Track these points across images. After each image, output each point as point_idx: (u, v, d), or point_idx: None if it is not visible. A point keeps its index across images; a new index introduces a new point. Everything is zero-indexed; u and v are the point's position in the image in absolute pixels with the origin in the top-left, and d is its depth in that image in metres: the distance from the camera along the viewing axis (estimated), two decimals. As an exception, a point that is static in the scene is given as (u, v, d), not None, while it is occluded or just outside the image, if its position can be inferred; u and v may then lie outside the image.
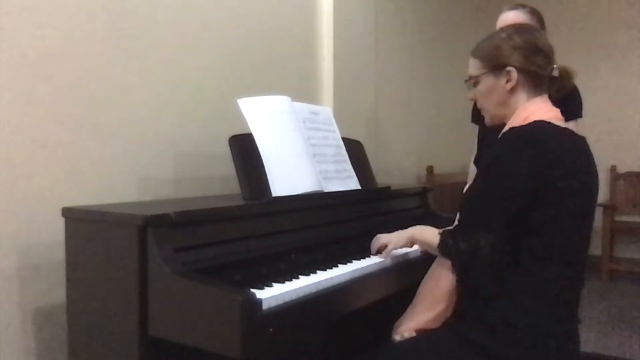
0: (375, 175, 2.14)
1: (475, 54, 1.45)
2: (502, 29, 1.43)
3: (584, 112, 2.10)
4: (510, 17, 2.07)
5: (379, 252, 1.62)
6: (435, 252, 1.41)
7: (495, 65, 1.38)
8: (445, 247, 1.35)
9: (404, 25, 3.72)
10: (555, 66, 1.40)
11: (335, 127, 1.95)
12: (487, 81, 1.41)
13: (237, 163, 1.59)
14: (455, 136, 4.19)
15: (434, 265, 1.54)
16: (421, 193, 2.33)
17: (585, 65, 4.71)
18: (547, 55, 1.38)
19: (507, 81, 1.37)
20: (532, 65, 1.36)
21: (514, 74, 1.35)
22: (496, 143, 1.31)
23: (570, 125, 2.01)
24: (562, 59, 1.42)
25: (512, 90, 1.37)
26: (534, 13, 2.11)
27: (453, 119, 4.20)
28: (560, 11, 4.81)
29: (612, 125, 4.76)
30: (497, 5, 2.18)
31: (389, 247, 1.58)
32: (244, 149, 1.60)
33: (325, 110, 1.98)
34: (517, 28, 1.42)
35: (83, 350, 1.40)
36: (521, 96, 1.38)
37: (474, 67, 1.44)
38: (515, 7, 2.11)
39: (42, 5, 1.61)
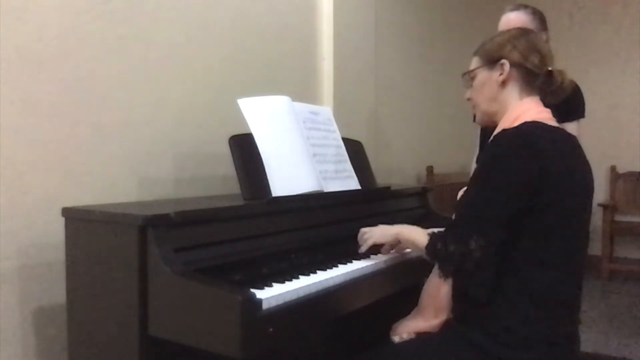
0: (375, 175, 2.14)
1: (477, 52, 1.47)
2: (508, 31, 1.45)
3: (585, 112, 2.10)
4: (513, 17, 2.06)
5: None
6: (421, 252, 1.37)
7: (491, 59, 1.40)
8: (433, 249, 1.30)
9: (404, 26, 3.71)
10: (550, 68, 1.39)
11: (335, 127, 1.94)
12: (481, 75, 1.42)
13: (237, 163, 1.59)
14: (455, 136, 4.19)
15: (434, 272, 1.53)
16: (421, 193, 2.33)
17: (586, 66, 4.71)
18: (544, 56, 1.38)
19: (500, 74, 1.37)
20: (527, 62, 1.36)
21: (507, 67, 1.36)
22: (489, 145, 1.30)
23: (573, 125, 2.01)
24: (563, 59, 1.42)
25: (504, 85, 1.38)
26: (536, 13, 2.11)
27: (453, 119, 4.20)
28: (560, 11, 4.81)
29: (612, 125, 4.76)
30: (498, 5, 2.18)
31: (370, 242, 1.55)
32: (244, 149, 1.60)
33: (325, 110, 1.98)
34: (522, 31, 1.45)
35: (83, 350, 1.40)
36: (512, 92, 1.38)
37: (473, 64, 1.46)
38: (518, 7, 2.11)
39: (42, 4, 1.61)
